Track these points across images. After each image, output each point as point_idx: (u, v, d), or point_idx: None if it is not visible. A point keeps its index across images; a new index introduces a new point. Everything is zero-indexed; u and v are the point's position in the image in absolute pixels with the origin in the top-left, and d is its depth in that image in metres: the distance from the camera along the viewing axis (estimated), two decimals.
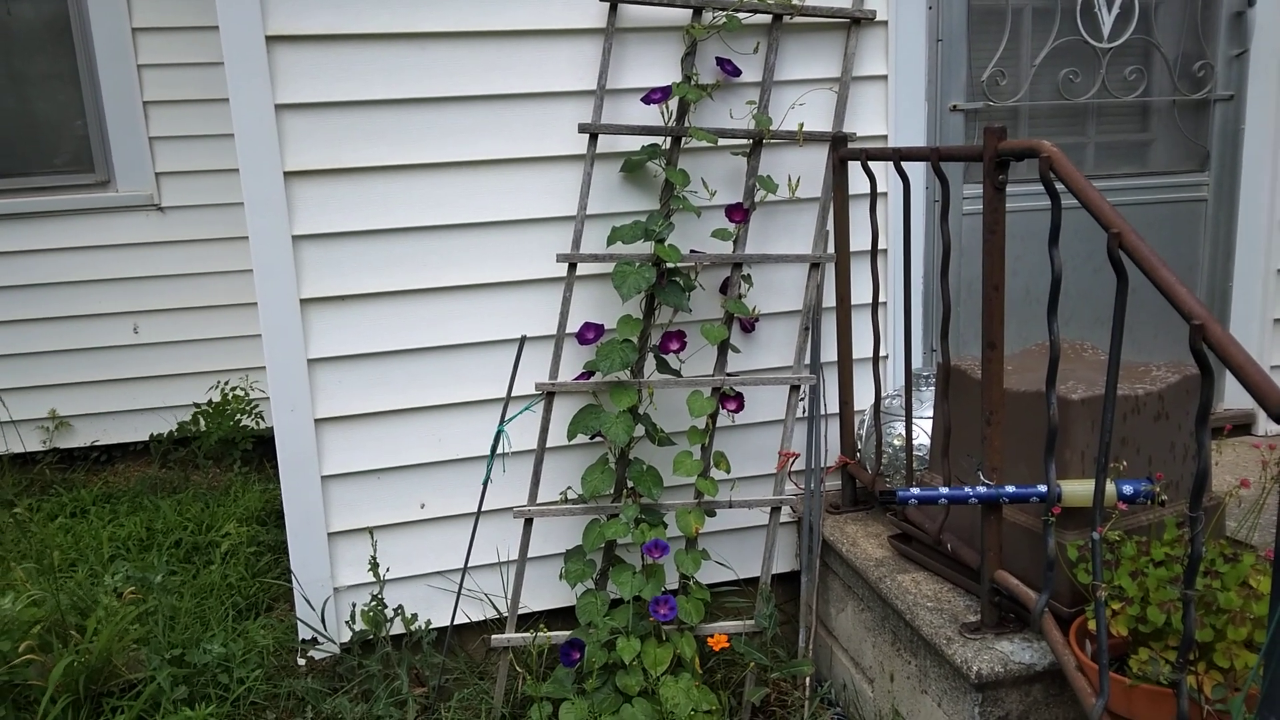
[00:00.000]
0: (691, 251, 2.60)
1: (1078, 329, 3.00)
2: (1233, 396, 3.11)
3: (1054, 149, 1.71)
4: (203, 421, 4.26)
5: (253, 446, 4.27)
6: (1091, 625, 1.68)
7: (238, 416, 4.27)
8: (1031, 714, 1.94)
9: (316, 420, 2.47)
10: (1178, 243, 3.04)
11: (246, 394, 4.37)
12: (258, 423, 4.31)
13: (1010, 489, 1.89)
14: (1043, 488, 1.85)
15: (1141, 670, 1.60)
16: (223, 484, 3.98)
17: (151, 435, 4.32)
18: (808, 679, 2.48)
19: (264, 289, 2.40)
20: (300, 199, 2.39)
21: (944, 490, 1.95)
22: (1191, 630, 1.43)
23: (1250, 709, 1.38)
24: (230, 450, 4.22)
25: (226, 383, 4.37)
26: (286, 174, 2.37)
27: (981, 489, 1.91)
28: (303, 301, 2.43)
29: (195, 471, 4.18)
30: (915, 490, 1.99)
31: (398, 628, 2.55)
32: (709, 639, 2.33)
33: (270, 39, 2.31)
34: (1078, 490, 1.83)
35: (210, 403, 4.30)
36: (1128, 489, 1.83)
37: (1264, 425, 3.07)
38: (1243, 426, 3.10)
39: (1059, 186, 1.71)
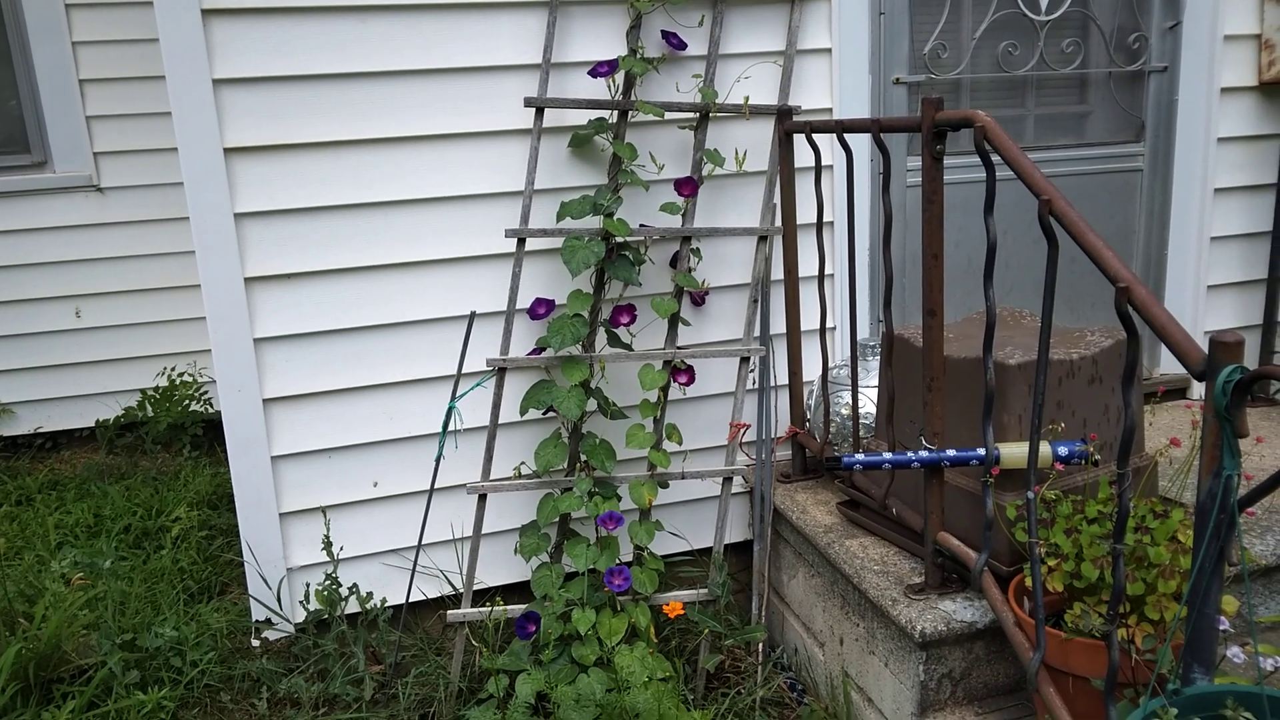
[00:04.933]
0: (640, 225, 2.61)
1: (1019, 298, 3.07)
2: (1169, 362, 3.21)
3: (988, 119, 1.75)
4: (149, 407, 4.19)
5: (202, 431, 4.22)
6: (1029, 582, 1.74)
7: (186, 402, 4.21)
8: (974, 670, 2.00)
9: (264, 400, 2.45)
10: (1115, 212, 3.12)
11: (195, 380, 4.31)
12: (207, 408, 4.26)
13: (951, 452, 1.94)
14: (981, 451, 1.90)
15: (1075, 624, 1.66)
16: (172, 469, 3.93)
17: (98, 421, 4.24)
18: (761, 645, 2.53)
19: (207, 268, 2.36)
20: (242, 176, 2.36)
21: (887, 455, 2.00)
22: (1121, 583, 1.49)
23: (1177, 658, 1.44)
24: (179, 435, 4.17)
25: (174, 368, 4.30)
26: (227, 150, 2.33)
27: (923, 453, 1.95)
28: (247, 280, 2.40)
29: (144, 457, 4.12)
30: (860, 456, 2.04)
31: (353, 606, 2.55)
32: (664, 607, 2.36)
33: (206, 12, 2.26)
34: (1015, 452, 1.89)
35: (157, 389, 4.23)
36: (1063, 450, 1.89)
37: (1197, 388, 3.17)
38: (1179, 391, 3.19)
39: (994, 157, 1.75)
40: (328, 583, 2.48)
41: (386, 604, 2.59)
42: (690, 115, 2.61)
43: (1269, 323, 3.12)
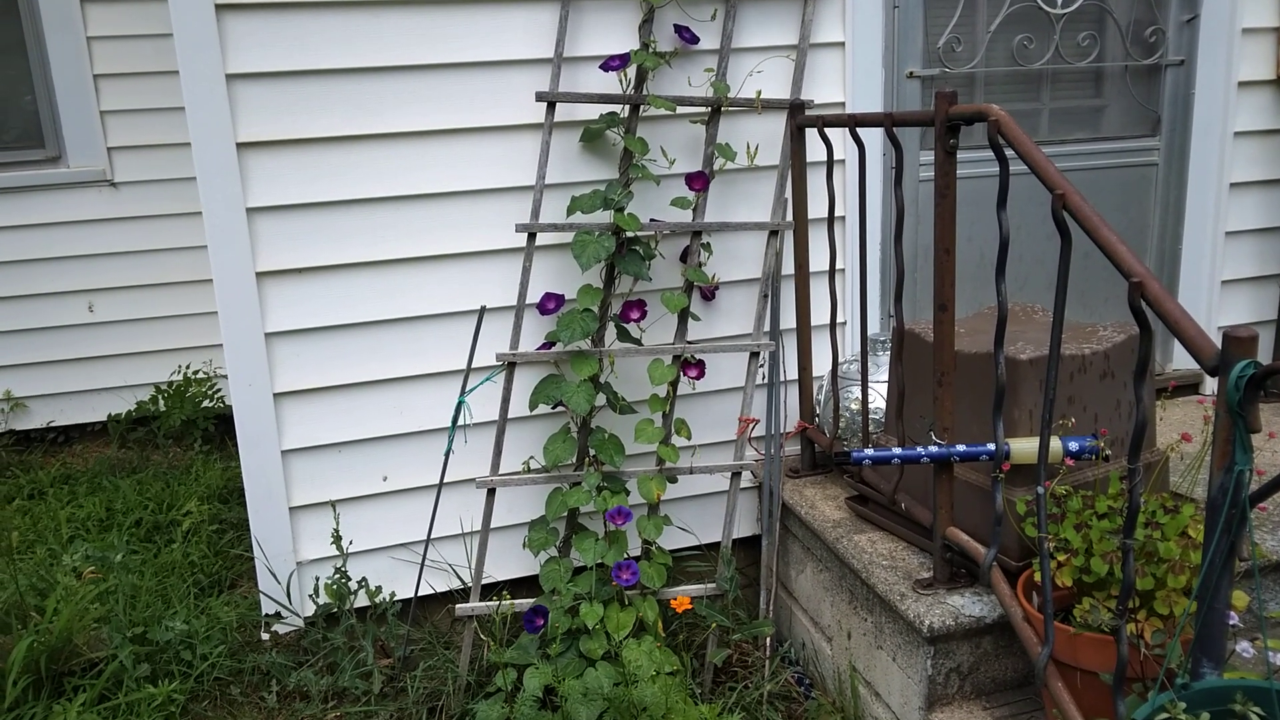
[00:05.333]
0: (651, 220, 2.61)
1: (1032, 293, 3.05)
2: (1181, 357, 3.18)
3: (1002, 113, 1.74)
4: (162, 402, 4.21)
5: (214, 425, 4.24)
6: (1038, 577, 1.73)
7: (199, 400, 4.23)
8: (982, 665, 1.99)
9: (275, 394, 2.46)
10: (1129, 206, 3.09)
11: (209, 376, 4.33)
12: (219, 404, 4.28)
13: (961, 448, 1.93)
14: (992, 446, 1.89)
15: (1084, 619, 1.65)
16: (184, 463, 3.95)
17: (110, 415, 4.27)
18: (768, 639, 2.53)
19: (219, 263, 2.37)
20: (254, 171, 2.36)
21: (897, 450, 1.99)
22: (1131, 578, 1.48)
23: (1186, 653, 1.43)
24: (191, 429, 4.19)
25: (188, 365, 4.32)
26: (239, 145, 2.34)
27: (933, 448, 1.95)
28: (259, 275, 2.41)
29: (155, 451, 4.15)
30: (869, 451, 2.03)
31: (362, 600, 2.56)
32: (671, 602, 2.36)
33: (220, 7, 2.27)
34: (1025, 448, 1.88)
35: (171, 384, 4.25)
36: (1073, 445, 1.88)
37: (1210, 384, 3.15)
38: (1191, 386, 3.17)
39: (1007, 151, 1.73)
40: (337, 576, 2.49)
41: (395, 598, 2.60)
42: (702, 109, 2.60)
43: None
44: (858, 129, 2.27)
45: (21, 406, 4.20)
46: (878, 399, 2.54)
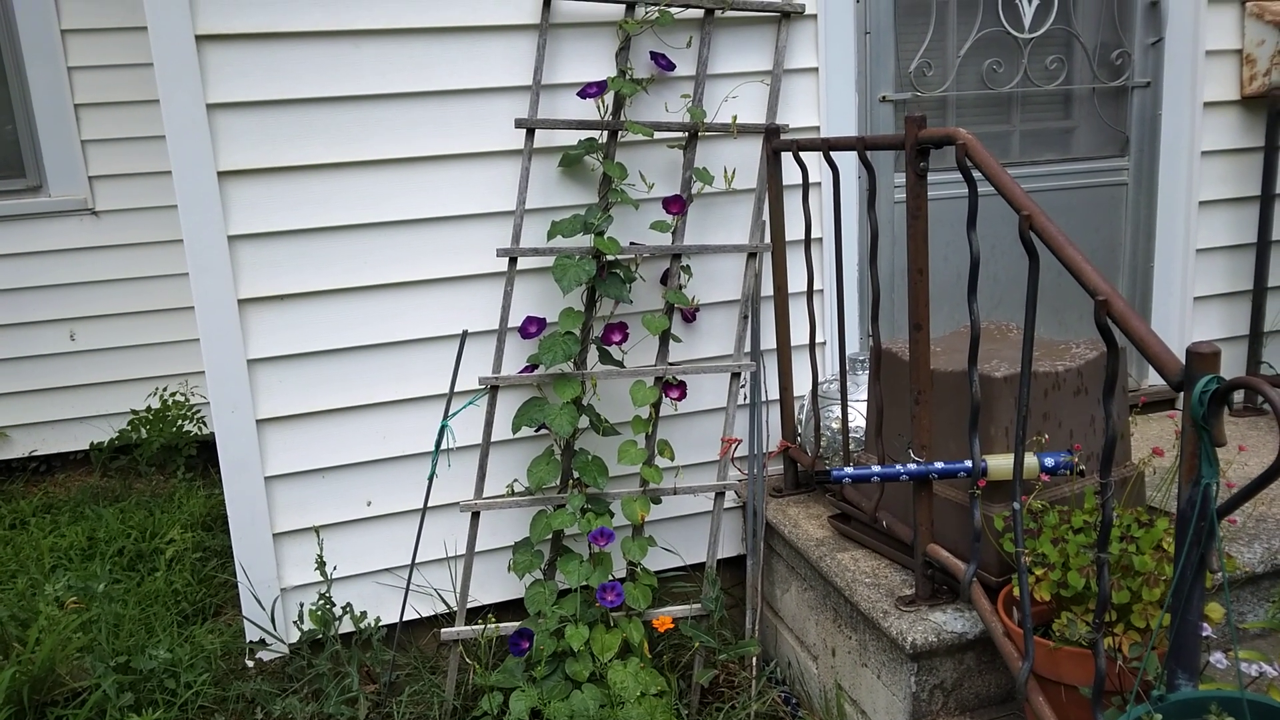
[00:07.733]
0: (631, 243, 2.64)
1: (1008, 311, 3.10)
2: (1156, 373, 3.22)
3: (969, 136, 1.78)
4: (143, 429, 4.20)
5: (196, 452, 4.22)
6: (1017, 592, 1.75)
7: (179, 423, 4.22)
8: (965, 681, 2.01)
9: (258, 421, 2.46)
10: (1100, 226, 3.15)
11: (188, 399, 4.32)
12: (200, 428, 4.26)
13: (939, 465, 1.95)
14: (969, 463, 1.92)
15: (1062, 633, 1.67)
16: (166, 491, 3.93)
17: (92, 444, 4.24)
18: (755, 659, 2.54)
19: (200, 291, 2.38)
20: (235, 199, 2.38)
21: (876, 469, 2.02)
22: (1106, 592, 1.50)
23: (1162, 665, 1.46)
24: (173, 457, 4.17)
25: (166, 389, 4.31)
26: (220, 174, 2.35)
27: (912, 466, 1.97)
28: (241, 302, 2.42)
29: (138, 479, 4.12)
30: (849, 469, 2.05)
31: (347, 626, 2.55)
32: (655, 622, 2.37)
33: (200, 38, 2.29)
34: (1002, 464, 1.90)
35: (150, 409, 4.24)
36: (1049, 461, 1.91)
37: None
38: (1166, 401, 3.21)
39: (975, 173, 1.77)
40: (321, 603, 2.49)
41: (380, 623, 2.60)
42: (679, 134, 2.64)
43: (1255, 333, 3.15)
44: (831, 153, 2.31)
45: (3, 436, 4.17)
46: (858, 418, 2.57)
